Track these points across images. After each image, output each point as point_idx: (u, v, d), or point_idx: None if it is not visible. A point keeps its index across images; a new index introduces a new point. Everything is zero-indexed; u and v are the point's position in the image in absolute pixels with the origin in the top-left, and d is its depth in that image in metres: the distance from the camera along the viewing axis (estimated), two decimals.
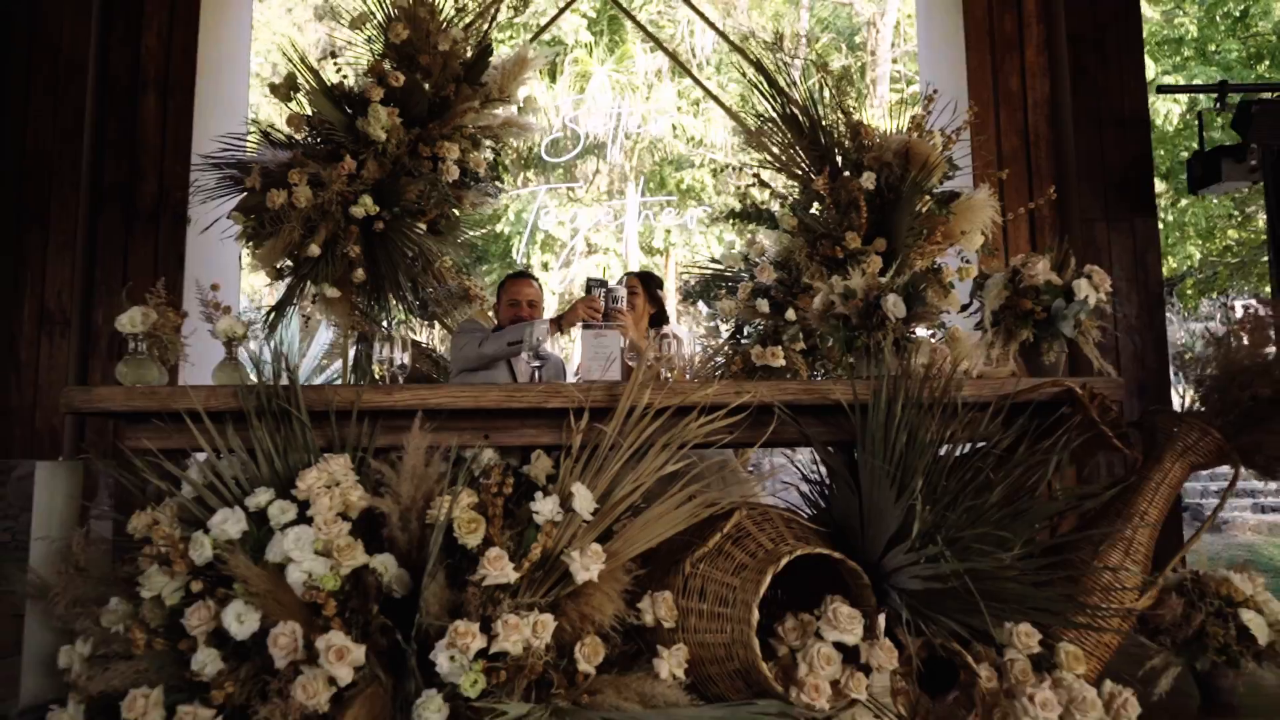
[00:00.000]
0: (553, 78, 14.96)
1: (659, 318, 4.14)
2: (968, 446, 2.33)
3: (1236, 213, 16.02)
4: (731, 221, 4.53)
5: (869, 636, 2.08)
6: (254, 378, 2.37)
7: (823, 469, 2.54)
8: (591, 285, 3.56)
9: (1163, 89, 6.11)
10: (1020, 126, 5.31)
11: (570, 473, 2.22)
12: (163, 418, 2.23)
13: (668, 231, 15.63)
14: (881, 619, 2.19)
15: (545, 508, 2.11)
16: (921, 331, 2.62)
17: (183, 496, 2.20)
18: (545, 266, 17.13)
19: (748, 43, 16.62)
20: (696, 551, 2.15)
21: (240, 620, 1.96)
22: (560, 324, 3.60)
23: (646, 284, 4.20)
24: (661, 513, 2.12)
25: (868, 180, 3.98)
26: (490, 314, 4.38)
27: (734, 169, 4.56)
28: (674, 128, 15.06)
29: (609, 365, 2.63)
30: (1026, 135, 5.30)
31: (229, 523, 2.05)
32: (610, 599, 2.09)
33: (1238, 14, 14.69)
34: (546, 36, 14.96)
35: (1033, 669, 2.05)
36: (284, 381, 2.28)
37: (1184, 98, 12.10)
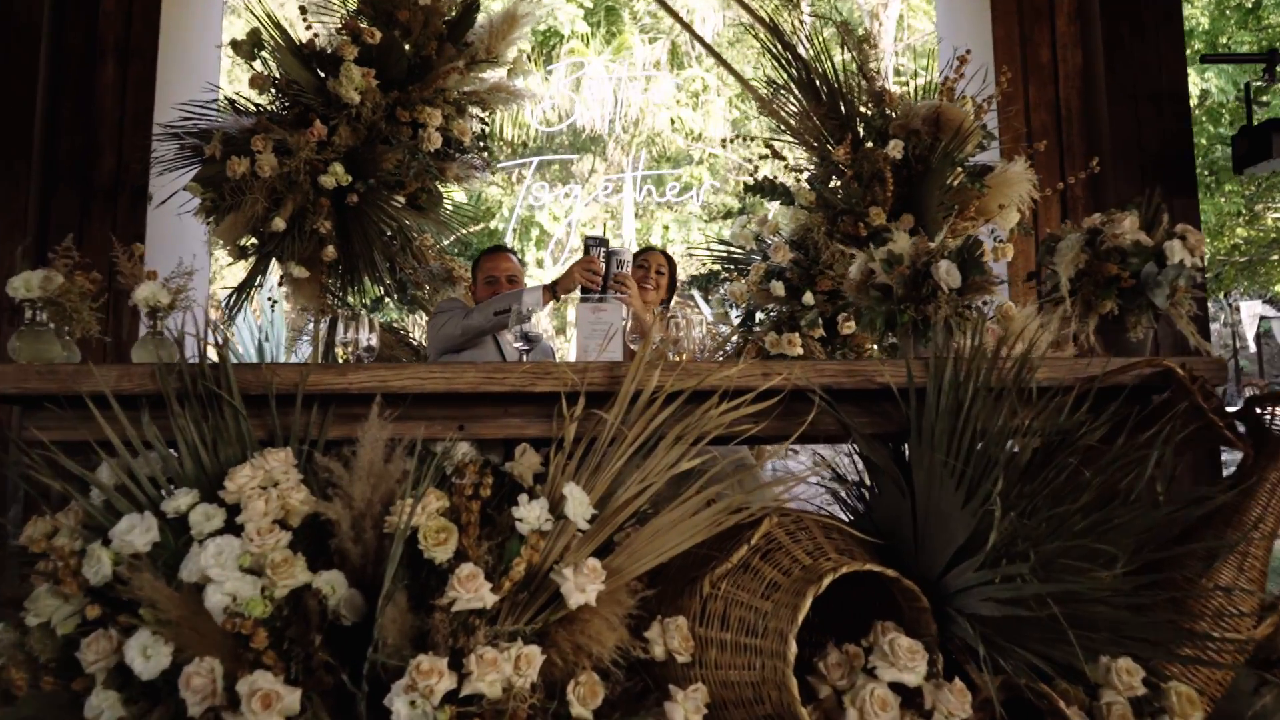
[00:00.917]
0: (549, 56, 14.55)
1: (664, 303, 3.74)
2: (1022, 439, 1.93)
3: (1245, 211, 15.67)
4: (746, 196, 4.14)
5: (932, 674, 1.68)
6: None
7: (861, 466, 2.14)
8: (590, 244, 3.15)
9: (1206, 58, 5.73)
10: (1051, 101, 4.92)
11: (562, 471, 1.82)
12: (64, 403, 1.83)
13: (665, 228, 15.22)
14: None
15: (531, 514, 1.71)
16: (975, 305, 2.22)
17: (89, 501, 1.80)
18: (540, 264, 16.71)
19: (754, 28, 16.25)
20: (718, 568, 1.74)
21: (146, 655, 1.55)
22: (554, 290, 3.20)
23: (670, 264, 3.80)
24: (674, 520, 1.72)
25: (895, 149, 3.59)
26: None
27: (746, 139, 4.16)
28: (672, 121, 14.65)
29: (609, 342, 2.23)
30: (1058, 110, 4.91)
31: (135, 532, 1.65)
32: (611, 626, 1.69)
33: (1249, 5, 14.35)
34: (541, 27, 14.59)
35: (1132, 713, 1.65)
36: (214, 359, 1.87)
37: (1201, 82, 11.66)
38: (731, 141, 3.95)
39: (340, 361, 2.60)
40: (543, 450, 1.93)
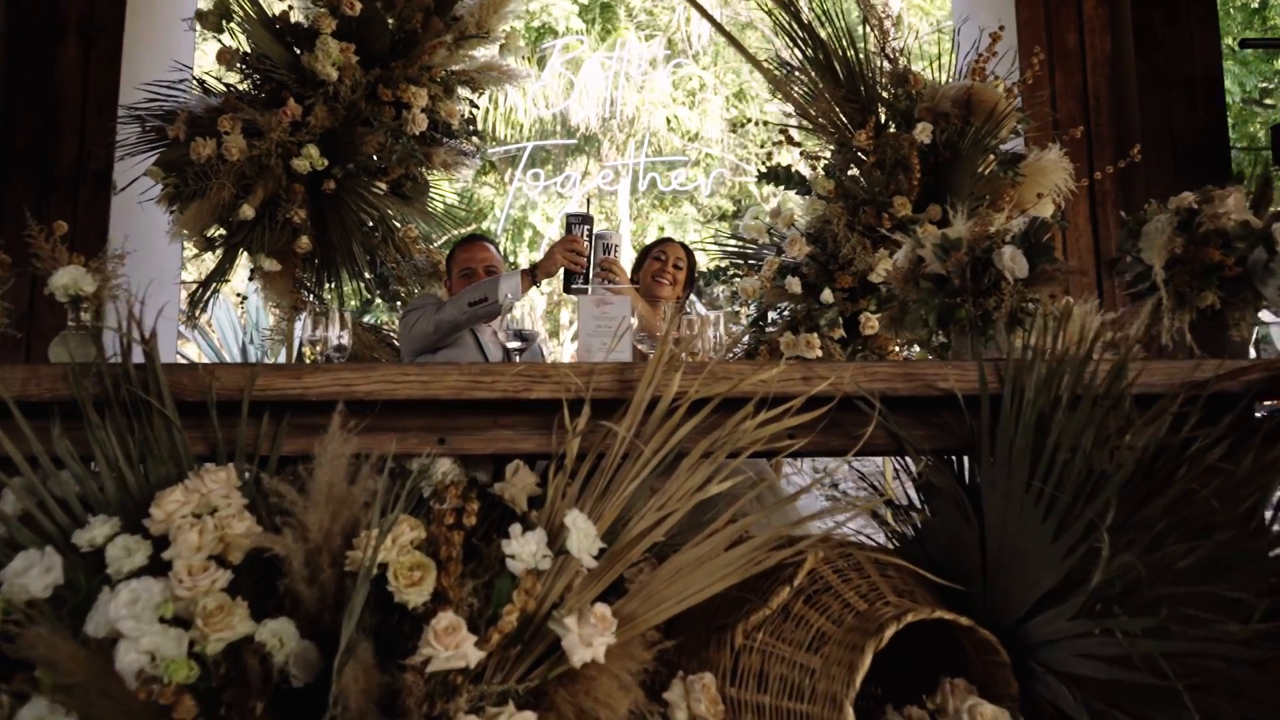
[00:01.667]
0: (541, 66, 14.24)
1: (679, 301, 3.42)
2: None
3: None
4: (742, 199, 3.83)
5: None
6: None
7: (907, 484, 1.84)
8: (571, 222, 2.82)
9: (1246, 43, 5.44)
10: (1078, 88, 4.62)
11: (563, 494, 1.51)
12: None
13: (661, 229, 14.92)
14: None
15: (526, 550, 1.40)
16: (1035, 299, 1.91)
17: None
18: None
19: (745, 31, 15.96)
20: (752, 614, 1.43)
21: None
22: (534, 275, 2.85)
23: (689, 256, 3.47)
24: (701, 557, 1.40)
25: (923, 133, 3.29)
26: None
27: (758, 123, 3.85)
28: (668, 121, 14.35)
29: (618, 341, 1.92)
30: (1085, 98, 4.62)
31: (32, 573, 1.33)
32: (622, 686, 1.38)
33: (1255, 5, 14.15)
34: (536, 23, 14.28)
35: None
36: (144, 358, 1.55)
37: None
38: (743, 126, 3.57)
39: (308, 362, 2.28)
40: (539, 468, 1.62)
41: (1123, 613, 1.34)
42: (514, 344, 2.26)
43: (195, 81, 3.65)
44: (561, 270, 2.81)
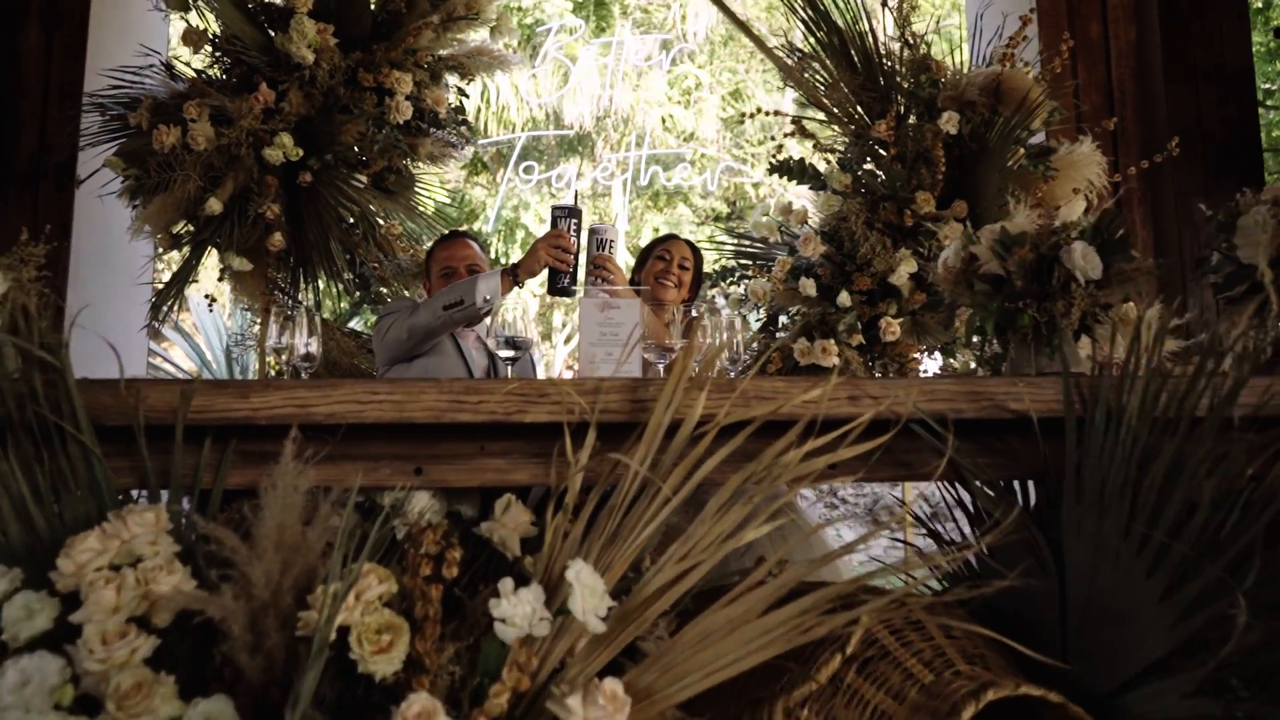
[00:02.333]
0: (534, 50, 13.97)
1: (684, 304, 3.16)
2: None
3: None
4: (738, 201, 3.58)
5: None
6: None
7: (951, 517, 1.59)
8: (557, 216, 2.55)
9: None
10: (1102, 81, 4.38)
11: (563, 538, 1.25)
12: None
13: (655, 230, 14.67)
14: None
15: (519, 611, 1.14)
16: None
17: None
18: None
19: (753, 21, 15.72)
20: (795, 687, 1.18)
21: None
22: (516, 274, 2.59)
23: (696, 255, 3.21)
24: (734, 620, 1.14)
25: (949, 122, 3.04)
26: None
27: (769, 113, 3.61)
28: (664, 120, 14.10)
29: (627, 352, 1.66)
30: (1110, 92, 4.37)
31: None
32: None
33: (1260, 5, 13.99)
34: (529, 20, 14.01)
35: None
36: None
37: None
38: (752, 117, 3.32)
39: (272, 374, 2.02)
40: (533, 492, 1.36)
41: (1253, 693, 1.09)
42: (506, 353, 2.00)
43: (164, 66, 3.38)
44: (546, 269, 2.55)
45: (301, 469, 1.23)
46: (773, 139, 3.39)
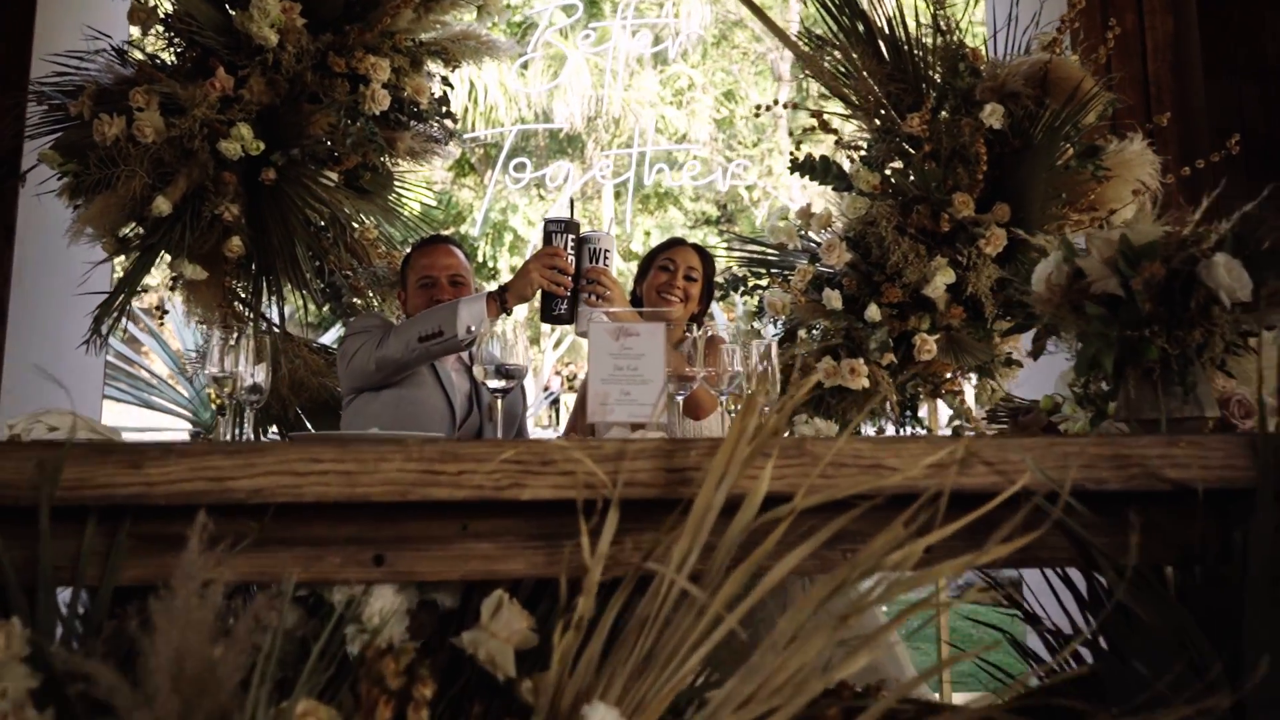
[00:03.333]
0: (524, 64, 13.63)
1: (694, 320, 2.82)
2: None
3: None
4: (730, 204, 3.26)
5: None
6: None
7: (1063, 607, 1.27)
8: (551, 230, 2.16)
9: None
10: (1138, 77, 4.06)
11: (574, 661, 0.91)
12: None
13: (647, 234, 14.35)
14: None
15: None
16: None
17: None
18: (514, 271, 15.74)
19: (734, 29, 15.43)
20: None
21: None
22: (504, 299, 2.19)
23: (706, 263, 2.83)
24: None
25: (992, 115, 2.72)
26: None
27: (784, 105, 3.28)
28: (657, 120, 13.78)
29: (658, 409, 1.31)
30: (1145, 88, 4.07)
31: None
32: None
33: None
34: (517, 18, 13.68)
35: None
36: None
37: None
38: (768, 109, 2.99)
39: (215, 409, 1.68)
40: (535, 606, 1.02)
41: None
42: (496, 383, 1.66)
43: (113, 50, 3.02)
44: (539, 293, 2.15)
45: (209, 560, 0.89)
46: (815, 116, 3.06)
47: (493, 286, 2.30)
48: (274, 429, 2.81)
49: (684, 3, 13.74)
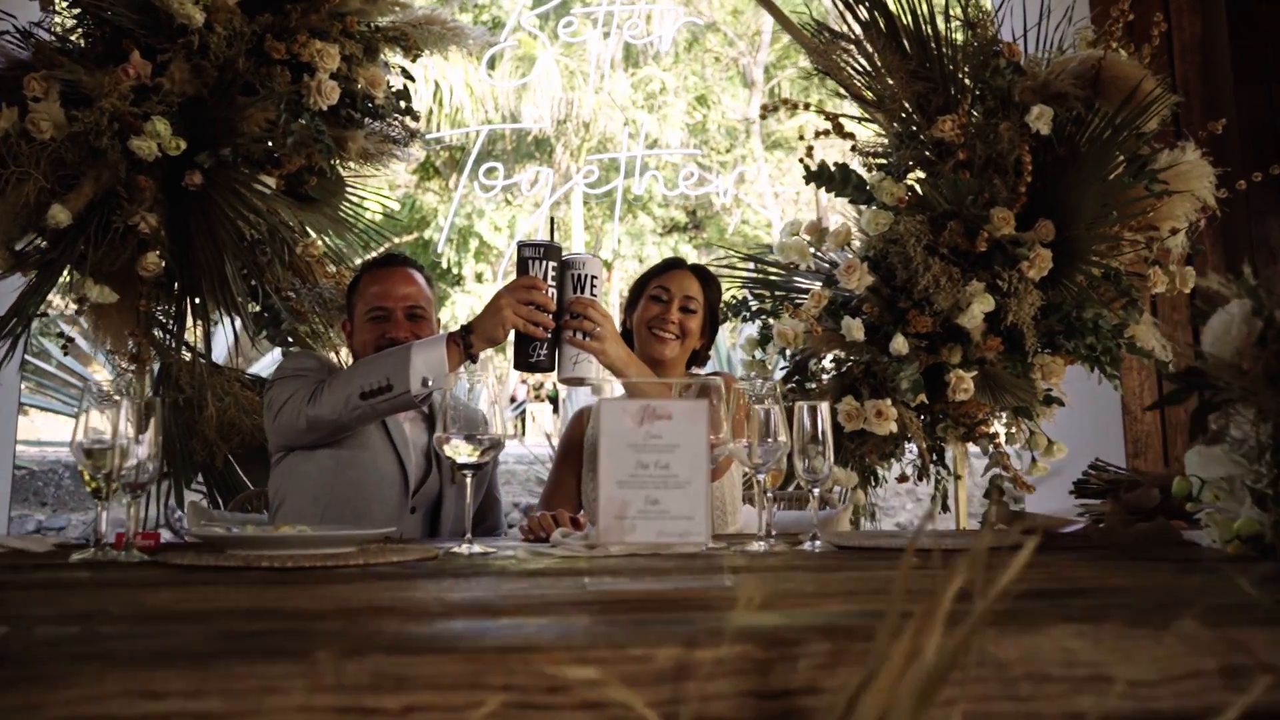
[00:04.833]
0: (491, 64, 13.18)
1: (696, 358, 2.40)
2: None
3: None
4: (698, 210, 2.88)
5: None
6: None
7: None
8: (527, 256, 1.66)
9: None
10: (1164, 80, 3.74)
11: None
12: None
13: (619, 241, 13.96)
14: None
15: None
16: None
17: None
18: (479, 278, 15.21)
19: (707, 32, 15.08)
20: None
21: None
22: (468, 342, 1.73)
23: (708, 288, 2.36)
24: None
25: (1039, 119, 2.36)
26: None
27: (789, 105, 2.90)
28: (628, 124, 13.38)
29: (695, 508, 0.91)
30: (1172, 91, 3.75)
31: None
32: None
33: None
34: (485, 17, 13.24)
35: None
36: None
37: None
38: (774, 111, 2.60)
39: (90, 490, 1.27)
40: None
41: None
42: (465, 457, 1.25)
43: (17, 32, 2.58)
44: (512, 334, 1.68)
45: None
46: (829, 119, 2.65)
47: (454, 327, 1.84)
48: (199, 479, 2.37)
49: (656, 5, 13.34)
